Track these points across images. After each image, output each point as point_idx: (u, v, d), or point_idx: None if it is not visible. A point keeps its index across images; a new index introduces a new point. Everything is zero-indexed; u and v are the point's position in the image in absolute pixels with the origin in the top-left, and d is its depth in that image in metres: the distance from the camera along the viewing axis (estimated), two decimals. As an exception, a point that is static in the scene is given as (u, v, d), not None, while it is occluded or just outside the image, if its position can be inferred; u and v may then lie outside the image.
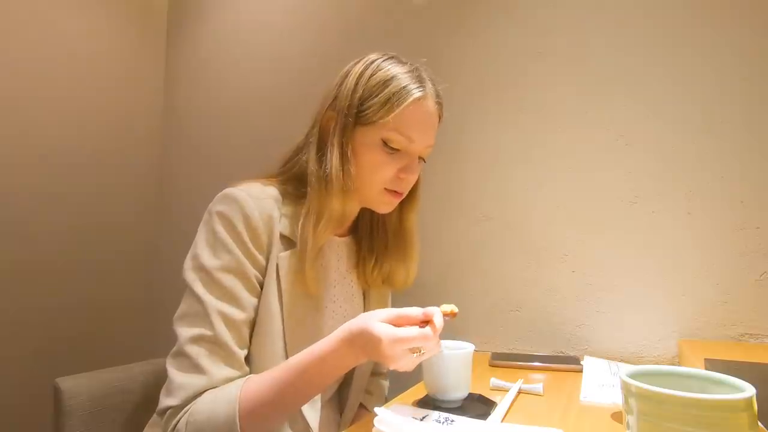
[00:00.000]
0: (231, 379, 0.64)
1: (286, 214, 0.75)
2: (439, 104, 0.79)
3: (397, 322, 0.60)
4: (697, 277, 0.98)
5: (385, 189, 0.76)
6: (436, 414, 0.66)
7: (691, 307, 0.98)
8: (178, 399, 0.62)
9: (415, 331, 0.59)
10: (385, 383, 1.00)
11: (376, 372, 0.98)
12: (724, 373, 0.45)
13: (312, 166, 0.75)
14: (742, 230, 0.95)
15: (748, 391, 0.41)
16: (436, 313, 0.61)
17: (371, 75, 0.74)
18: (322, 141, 0.76)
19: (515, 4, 1.22)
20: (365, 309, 0.88)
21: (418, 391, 0.79)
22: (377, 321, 0.59)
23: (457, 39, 1.29)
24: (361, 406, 0.91)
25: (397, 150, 0.74)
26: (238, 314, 0.67)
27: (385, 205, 0.78)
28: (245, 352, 0.69)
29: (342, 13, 1.51)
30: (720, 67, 1.00)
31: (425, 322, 0.61)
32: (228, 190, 0.73)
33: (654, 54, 1.05)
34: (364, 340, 0.59)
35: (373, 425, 0.60)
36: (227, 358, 0.65)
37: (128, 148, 1.85)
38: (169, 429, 0.62)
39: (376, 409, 0.62)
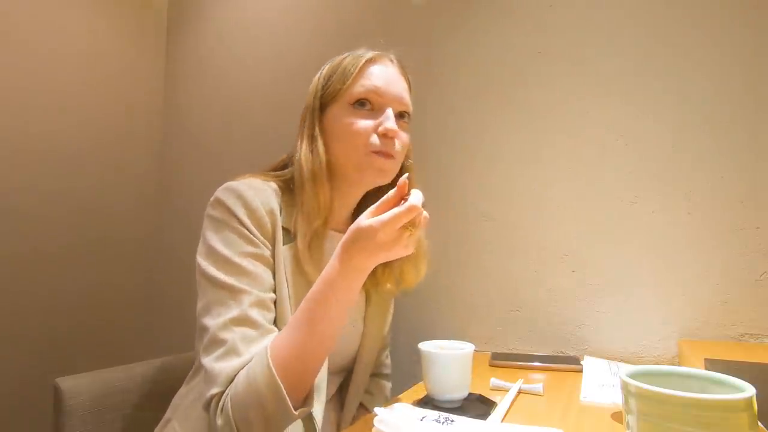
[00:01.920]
0: None
1: (285, 207, 0.76)
2: (399, 63, 0.82)
3: (379, 212, 0.60)
4: (697, 277, 0.98)
5: (372, 152, 0.75)
6: (435, 414, 0.66)
7: (690, 307, 0.98)
8: (218, 385, 0.61)
9: (397, 208, 0.59)
10: (387, 384, 0.99)
11: (378, 373, 0.98)
12: (724, 373, 0.45)
13: (295, 166, 0.78)
14: (742, 230, 0.95)
15: (748, 391, 0.41)
16: (405, 180, 0.60)
17: (329, 65, 0.82)
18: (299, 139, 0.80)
19: (514, 4, 1.22)
20: (366, 308, 0.88)
21: (418, 391, 0.79)
22: (363, 220, 0.60)
23: (455, 38, 1.29)
24: (362, 406, 0.91)
25: (369, 109, 0.76)
26: (264, 294, 0.68)
27: (377, 171, 0.77)
28: (275, 329, 0.68)
29: (341, 12, 1.51)
30: (720, 67, 1.00)
31: (402, 199, 0.61)
32: (228, 184, 0.74)
33: (654, 54, 1.05)
34: (360, 244, 0.59)
35: (373, 425, 0.60)
36: (261, 336, 0.65)
37: (129, 144, 1.85)
38: (217, 413, 0.60)
39: (376, 409, 0.62)
